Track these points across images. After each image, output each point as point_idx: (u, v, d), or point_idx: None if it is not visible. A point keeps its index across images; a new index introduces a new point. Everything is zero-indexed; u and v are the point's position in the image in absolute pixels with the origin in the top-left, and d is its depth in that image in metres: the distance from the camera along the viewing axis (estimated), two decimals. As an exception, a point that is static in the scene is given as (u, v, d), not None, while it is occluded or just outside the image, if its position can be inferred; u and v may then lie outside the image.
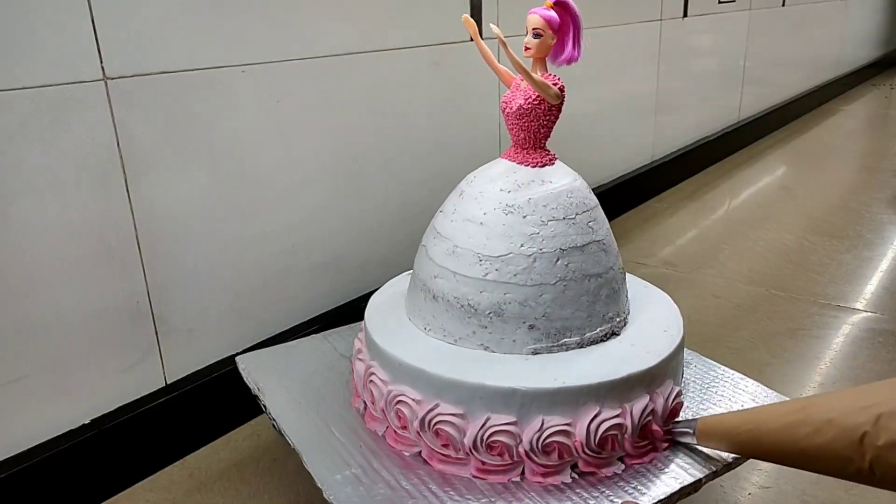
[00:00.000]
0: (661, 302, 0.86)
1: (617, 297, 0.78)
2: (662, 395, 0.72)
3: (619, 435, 0.69)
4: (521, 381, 0.68)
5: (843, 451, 0.54)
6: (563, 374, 0.69)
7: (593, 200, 0.78)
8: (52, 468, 0.85)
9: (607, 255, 0.77)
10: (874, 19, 4.36)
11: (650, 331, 0.78)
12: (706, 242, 1.79)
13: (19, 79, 0.77)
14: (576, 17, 0.73)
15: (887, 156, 2.62)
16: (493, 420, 0.68)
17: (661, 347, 0.74)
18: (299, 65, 1.05)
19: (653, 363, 0.71)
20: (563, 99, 0.75)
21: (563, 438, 0.67)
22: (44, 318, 0.84)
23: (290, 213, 1.09)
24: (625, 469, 0.70)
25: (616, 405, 0.69)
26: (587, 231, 0.75)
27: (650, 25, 1.99)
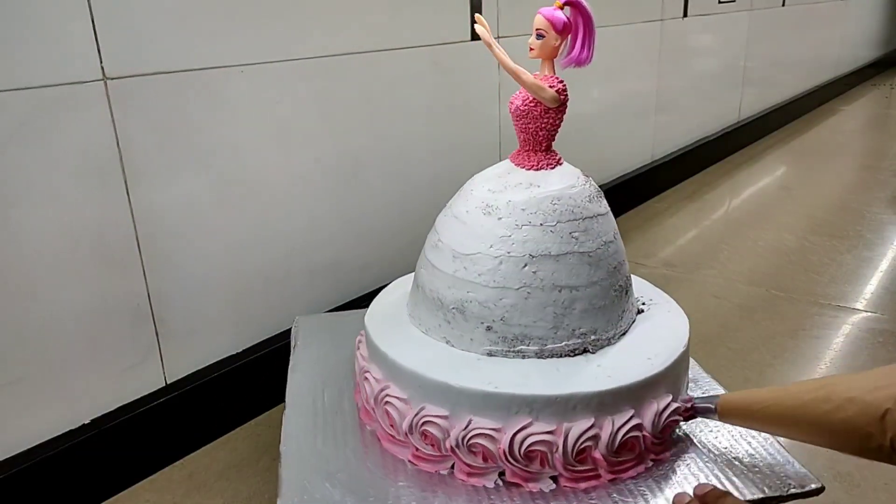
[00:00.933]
0: (666, 324, 0.79)
1: (599, 315, 0.73)
2: (613, 424, 0.67)
3: (548, 453, 0.66)
4: (457, 379, 0.68)
5: (865, 428, 0.55)
6: (498, 379, 0.68)
7: (591, 210, 0.74)
8: (52, 468, 0.85)
9: (593, 269, 0.73)
10: (874, 19, 4.36)
11: (631, 355, 0.73)
12: (706, 242, 1.79)
13: (19, 79, 0.77)
14: (587, 18, 0.71)
15: (887, 156, 2.62)
16: (427, 411, 0.69)
17: (629, 375, 0.68)
18: (299, 65, 1.05)
19: (605, 387, 0.66)
20: (562, 102, 0.73)
21: (487, 442, 0.67)
22: (44, 319, 0.84)
23: (290, 213, 1.09)
24: (555, 488, 0.67)
25: (552, 422, 0.66)
26: (568, 241, 0.72)
27: (650, 25, 1.99)
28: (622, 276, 0.76)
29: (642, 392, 0.69)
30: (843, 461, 0.93)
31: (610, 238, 0.76)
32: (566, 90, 0.74)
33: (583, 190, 0.75)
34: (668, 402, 0.70)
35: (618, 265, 0.76)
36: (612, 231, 0.76)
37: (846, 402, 0.57)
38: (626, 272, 0.78)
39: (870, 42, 4.36)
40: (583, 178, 0.77)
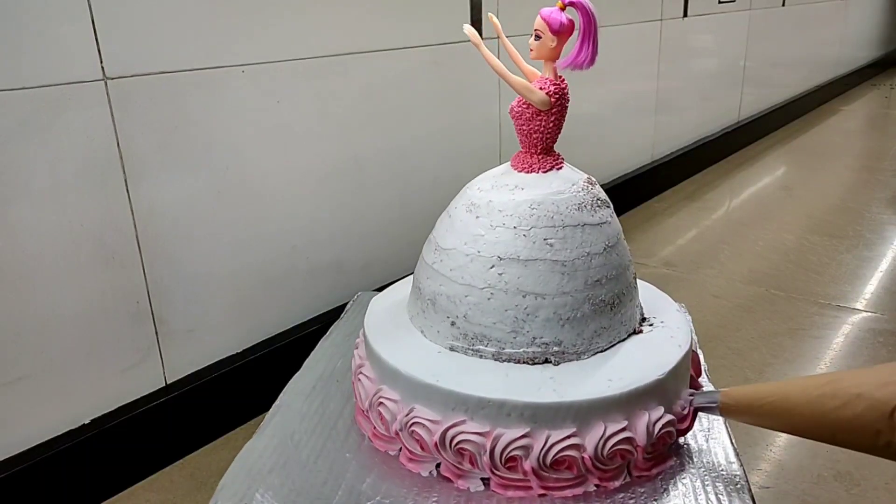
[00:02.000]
0: (658, 351, 0.73)
1: (566, 327, 0.71)
2: (548, 439, 0.65)
3: (477, 454, 0.67)
4: (408, 367, 0.71)
5: (873, 425, 0.55)
6: (444, 374, 0.69)
7: (576, 219, 0.72)
8: (52, 468, 0.85)
9: (566, 279, 0.70)
10: (874, 19, 4.36)
11: (592, 374, 0.69)
12: (706, 242, 1.79)
13: (19, 79, 0.77)
14: (587, 19, 0.69)
15: (887, 156, 2.62)
16: (383, 393, 0.73)
17: (577, 393, 0.66)
18: (299, 65, 1.05)
19: (542, 400, 0.65)
20: (553, 105, 0.72)
21: (423, 432, 0.68)
22: (44, 319, 0.84)
23: (290, 212, 1.09)
24: (482, 490, 0.68)
25: (486, 424, 0.66)
26: (541, 247, 0.71)
27: (650, 25, 1.99)
28: (607, 291, 0.72)
29: (588, 413, 0.65)
30: (843, 461, 0.93)
31: (597, 250, 0.72)
32: (561, 93, 0.72)
33: (573, 197, 0.73)
34: (619, 429, 0.65)
35: (602, 279, 0.72)
36: (604, 243, 0.73)
37: (854, 398, 0.56)
38: (616, 288, 0.73)
39: (870, 42, 4.36)
40: (581, 184, 0.75)
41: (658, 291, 0.87)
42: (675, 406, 0.70)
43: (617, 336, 0.75)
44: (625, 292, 0.75)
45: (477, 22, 1.34)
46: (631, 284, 0.77)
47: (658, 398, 0.68)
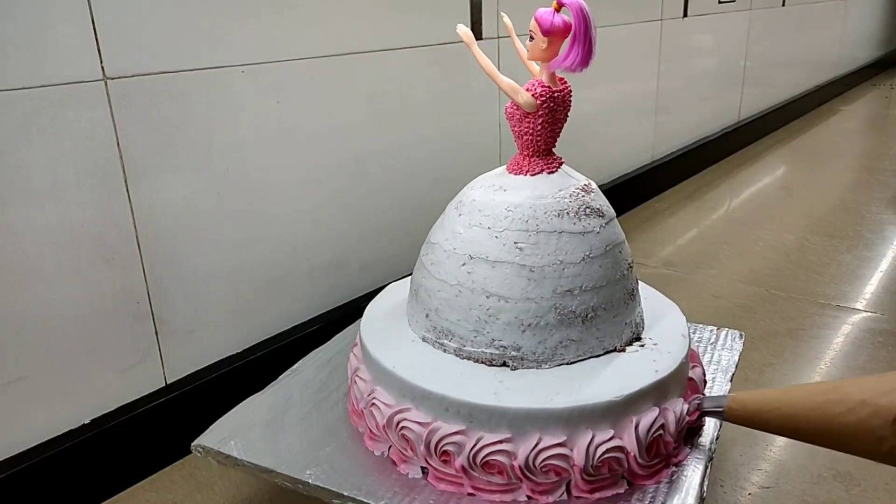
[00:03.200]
0: (634, 374, 0.69)
1: (527, 333, 0.70)
2: (479, 441, 0.66)
3: (416, 443, 0.68)
4: (377, 351, 0.75)
5: (878, 430, 0.55)
6: (402, 363, 0.72)
7: (554, 226, 0.71)
8: (52, 468, 0.85)
9: (533, 284, 0.70)
10: (874, 19, 4.36)
11: (542, 387, 0.68)
12: (706, 242, 1.79)
13: (19, 78, 0.77)
14: (579, 20, 0.68)
15: (887, 156, 2.62)
16: (358, 372, 0.78)
17: (512, 400, 0.66)
18: (299, 65, 1.05)
19: (476, 401, 0.66)
20: (539, 108, 0.72)
21: (377, 413, 0.72)
22: (44, 318, 0.84)
23: (291, 213, 1.09)
24: (419, 478, 0.70)
25: (428, 416, 0.68)
26: (510, 250, 0.70)
27: (650, 25, 1.99)
28: (580, 304, 0.71)
29: (525, 422, 0.65)
30: (844, 461, 0.93)
31: (573, 259, 0.71)
32: (549, 96, 0.72)
33: (556, 203, 0.72)
34: (555, 443, 0.65)
35: (574, 290, 0.70)
36: (584, 253, 0.71)
37: (859, 404, 0.56)
38: (593, 301, 0.72)
39: (870, 42, 4.36)
40: (572, 190, 0.73)
41: (676, 314, 0.82)
42: (627, 432, 0.66)
43: (589, 351, 0.72)
44: (606, 307, 0.72)
45: (477, 22, 1.34)
46: (618, 300, 0.73)
47: (609, 421, 0.66)
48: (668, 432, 0.68)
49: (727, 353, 0.93)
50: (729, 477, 0.91)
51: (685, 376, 0.74)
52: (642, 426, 0.66)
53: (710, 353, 0.94)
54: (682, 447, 0.72)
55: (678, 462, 0.70)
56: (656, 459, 0.68)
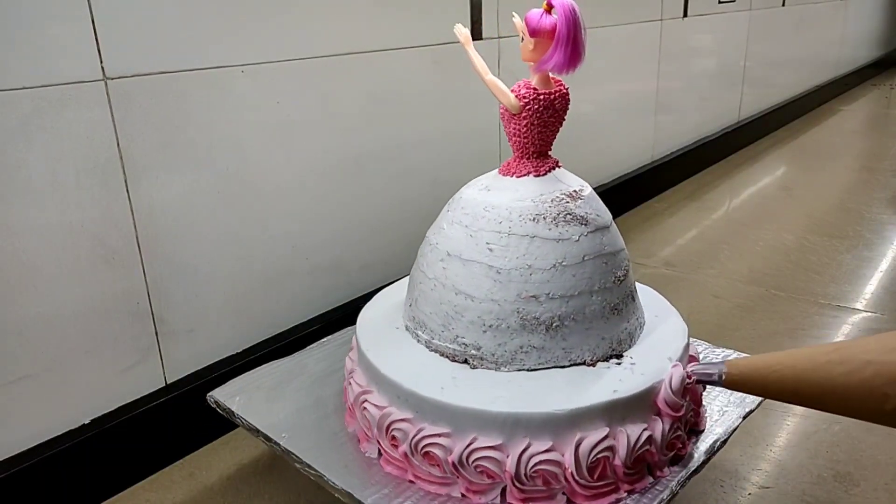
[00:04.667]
0: (590, 391, 0.67)
1: (488, 333, 0.70)
2: (420, 431, 0.67)
3: (371, 424, 0.71)
4: (362, 336, 0.78)
5: (881, 389, 0.54)
6: (375, 347, 0.76)
7: (527, 230, 0.70)
8: (52, 468, 0.85)
9: (498, 286, 0.70)
10: (874, 19, 4.36)
11: (489, 390, 0.68)
12: (706, 242, 1.79)
13: (19, 79, 0.77)
14: (564, 20, 0.67)
15: (887, 156, 2.62)
16: (351, 353, 0.82)
17: (460, 399, 0.67)
18: (299, 65, 1.05)
19: (421, 392, 0.67)
20: (522, 109, 0.71)
21: (349, 388, 0.77)
22: (44, 318, 0.84)
23: (290, 213, 1.09)
24: (374, 459, 0.74)
25: (384, 400, 0.72)
26: (481, 250, 0.71)
27: (650, 25, 1.99)
28: (545, 311, 0.69)
29: (462, 420, 0.66)
30: (844, 461, 0.93)
31: (542, 265, 0.69)
32: (534, 97, 0.71)
33: (534, 206, 0.71)
34: (488, 446, 0.65)
35: (540, 296, 0.69)
36: (555, 260, 0.70)
37: (862, 364, 0.55)
38: (560, 310, 0.70)
39: (870, 42, 4.36)
40: (557, 195, 0.72)
41: (677, 332, 0.78)
42: (569, 448, 0.64)
43: (553, 361, 0.71)
44: (576, 319, 0.70)
45: (477, 22, 1.34)
46: (593, 313, 0.71)
47: (550, 434, 0.65)
48: (618, 456, 0.65)
49: None
50: (729, 477, 0.91)
51: (652, 401, 0.68)
52: (585, 445, 0.64)
53: None
54: (642, 476, 0.67)
55: (633, 490, 0.66)
56: (602, 482, 0.65)
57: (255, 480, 0.94)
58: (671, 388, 0.68)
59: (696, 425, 0.76)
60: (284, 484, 0.92)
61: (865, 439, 0.97)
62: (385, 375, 0.70)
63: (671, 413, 0.68)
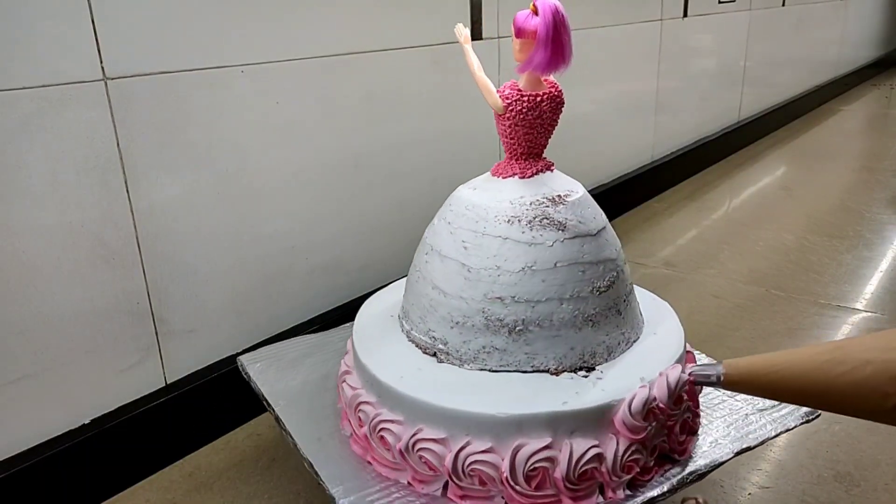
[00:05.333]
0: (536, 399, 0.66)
1: (454, 329, 0.71)
2: (372, 416, 0.69)
3: (347, 403, 0.74)
4: (360, 320, 0.83)
5: (882, 387, 0.54)
6: (359, 333, 0.80)
7: (500, 231, 0.70)
8: (52, 468, 0.85)
9: (468, 284, 0.70)
10: (874, 19, 4.36)
11: (445, 386, 0.69)
12: (706, 242, 1.79)
13: (19, 79, 0.77)
14: (544, 22, 0.67)
15: (887, 156, 2.62)
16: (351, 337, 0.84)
17: (412, 389, 0.69)
18: (299, 65, 1.05)
19: (383, 379, 0.70)
20: (505, 110, 0.71)
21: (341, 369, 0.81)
22: (44, 318, 0.84)
23: (290, 213, 1.09)
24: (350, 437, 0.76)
25: (358, 382, 0.74)
26: (458, 248, 0.72)
27: (650, 25, 1.99)
28: (509, 314, 0.69)
29: (411, 409, 0.68)
30: (844, 461, 0.93)
31: (511, 268, 0.69)
32: (517, 98, 0.71)
33: (511, 208, 0.71)
34: (433, 438, 0.66)
35: (505, 298, 0.69)
36: (524, 263, 0.69)
37: (862, 363, 0.56)
38: (525, 314, 0.69)
39: (870, 42, 4.36)
40: (538, 199, 0.71)
41: (668, 349, 0.74)
42: (508, 453, 0.64)
43: (514, 364, 0.70)
44: (541, 325, 0.69)
45: (477, 22, 1.34)
46: (562, 321, 0.70)
47: (491, 436, 0.65)
48: (559, 469, 0.63)
49: None
50: (729, 477, 0.91)
51: (609, 420, 0.66)
52: (523, 452, 0.64)
53: None
54: (589, 494, 0.65)
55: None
56: (541, 493, 0.64)
57: (255, 480, 0.94)
58: (630, 409, 0.64)
59: (692, 428, 0.74)
60: (284, 483, 0.92)
61: (865, 439, 0.97)
62: (360, 359, 0.74)
63: (629, 435, 0.65)
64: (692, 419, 0.73)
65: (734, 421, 0.77)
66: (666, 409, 0.67)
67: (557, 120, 0.75)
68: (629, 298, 0.76)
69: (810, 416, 0.76)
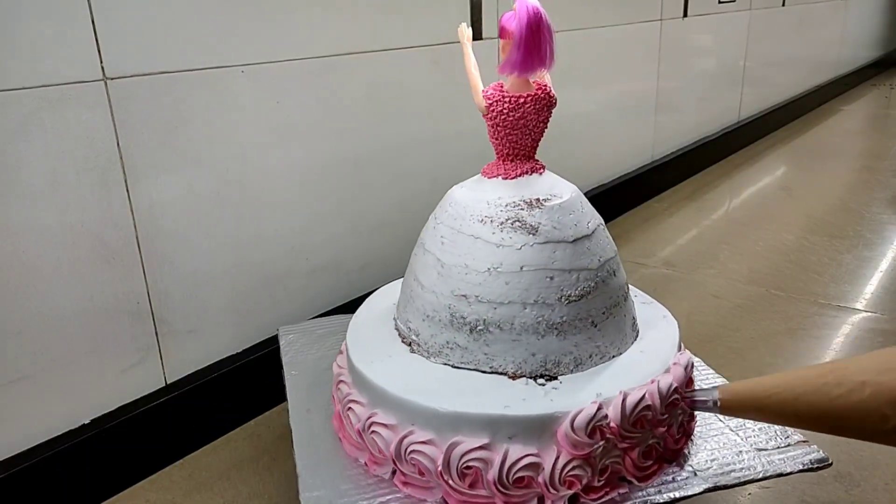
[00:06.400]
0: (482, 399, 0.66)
1: (426, 322, 0.72)
2: (345, 396, 0.74)
3: (339, 399, 0.75)
4: (361, 310, 0.86)
5: (880, 409, 0.54)
6: (357, 319, 0.83)
7: (473, 230, 0.71)
8: (52, 468, 0.85)
9: (439, 279, 0.71)
10: (874, 19, 4.36)
11: (411, 376, 0.70)
12: (706, 242, 1.79)
13: (19, 79, 0.77)
14: (518, 22, 0.66)
15: (887, 156, 2.62)
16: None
17: (375, 376, 0.71)
18: (299, 65, 1.05)
19: (358, 366, 0.73)
20: (486, 111, 0.71)
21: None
22: (44, 318, 0.84)
23: (290, 213, 1.09)
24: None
25: (342, 364, 0.76)
26: (437, 243, 0.74)
27: (650, 25, 1.99)
28: (471, 312, 0.69)
29: (372, 394, 0.70)
30: (844, 461, 0.93)
31: (477, 267, 0.69)
32: (498, 99, 0.71)
33: (486, 208, 0.71)
34: (383, 423, 0.68)
35: (469, 296, 0.69)
36: (490, 264, 0.69)
37: (859, 385, 0.56)
38: (485, 315, 0.69)
39: (870, 42, 4.36)
40: (515, 201, 0.71)
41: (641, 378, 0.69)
42: (445, 447, 0.65)
43: (474, 363, 0.71)
44: (501, 327, 0.69)
45: (477, 22, 1.34)
46: (523, 326, 0.69)
47: (433, 429, 0.66)
48: (492, 469, 0.63)
49: None
50: (729, 477, 0.91)
51: (552, 431, 0.64)
52: (457, 450, 0.64)
53: None
54: (526, 501, 0.65)
55: None
56: (475, 492, 0.65)
57: (255, 481, 0.94)
58: (573, 424, 0.63)
59: (686, 432, 0.73)
60: (284, 484, 0.92)
61: (865, 439, 0.97)
62: (346, 339, 0.79)
63: (570, 450, 0.64)
64: (663, 444, 0.70)
65: (723, 456, 0.73)
66: (617, 429, 0.65)
67: (545, 122, 0.74)
68: (614, 311, 0.73)
69: (816, 464, 0.72)
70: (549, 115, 0.74)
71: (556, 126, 0.78)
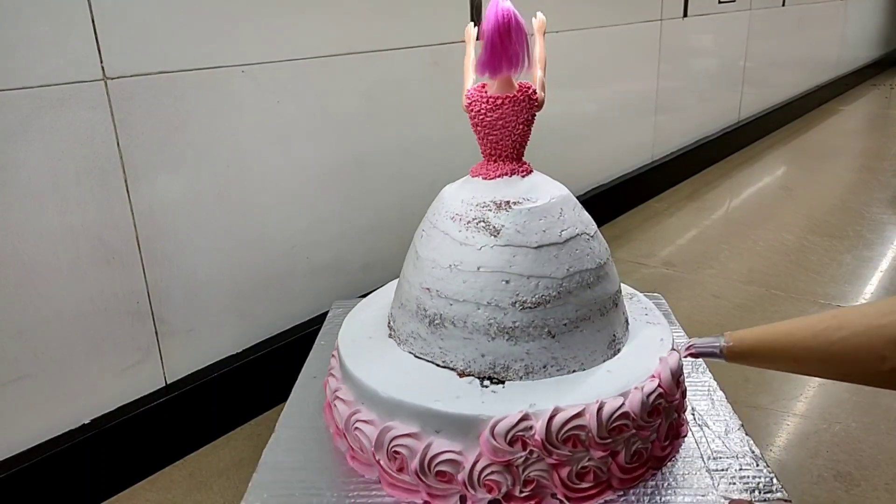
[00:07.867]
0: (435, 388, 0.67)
1: (400, 312, 0.75)
2: (329, 387, 0.76)
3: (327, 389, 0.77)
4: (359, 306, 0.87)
5: (880, 350, 0.56)
6: (356, 310, 0.86)
7: (448, 228, 0.72)
8: (52, 468, 0.85)
9: (414, 271, 0.74)
10: (874, 19, 4.36)
11: (377, 358, 0.73)
12: (706, 242, 1.79)
13: (19, 79, 0.77)
14: (486, 23, 0.67)
15: (887, 156, 2.62)
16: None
17: (352, 363, 0.73)
18: (299, 65, 1.05)
19: (342, 353, 0.75)
20: (467, 109, 0.72)
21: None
22: (44, 318, 0.84)
23: (290, 212, 1.09)
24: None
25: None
26: (419, 236, 0.77)
27: (650, 25, 1.99)
28: (432, 305, 0.70)
29: (347, 378, 0.73)
30: (844, 461, 0.93)
31: (441, 262, 0.70)
32: (475, 100, 0.71)
33: (458, 206, 0.72)
34: (355, 412, 0.69)
35: (432, 290, 0.70)
36: (451, 262, 0.70)
37: (860, 327, 0.57)
38: (443, 310, 0.70)
39: (870, 42, 4.36)
40: (486, 203, 0.71)
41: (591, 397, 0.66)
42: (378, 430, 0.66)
43: (430, 356, 0.72)
44: (455, 323, 0.69)
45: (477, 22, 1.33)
46: (476, 326, 0.68)
47: (374, 411, 0.68)
48: (416, 458, 0.65)
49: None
50: (729, 477, 0.91)
51: (475, 434, 0.64)
52: (389, 434, 0.67)
53: None
54: (449, 494, 0.65)
55: (432, 498, 0.65)
56: (401, 475, 0.66)
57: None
58: (493, 431, 0.62)
59: (677, 433, 0.72)
60: (284, 484, 0.92)
61: (865, 439, 0.97)
62: (342, 326, 0.81)
63: (489, 454, 0.63)
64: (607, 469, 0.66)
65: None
66: (541, 442, 0.63)
67: (525, 123, 0.73)
68: (581, 325, 0.70)
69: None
70: (531, 117, 0.72)
71: (557, 126, 0.78)
